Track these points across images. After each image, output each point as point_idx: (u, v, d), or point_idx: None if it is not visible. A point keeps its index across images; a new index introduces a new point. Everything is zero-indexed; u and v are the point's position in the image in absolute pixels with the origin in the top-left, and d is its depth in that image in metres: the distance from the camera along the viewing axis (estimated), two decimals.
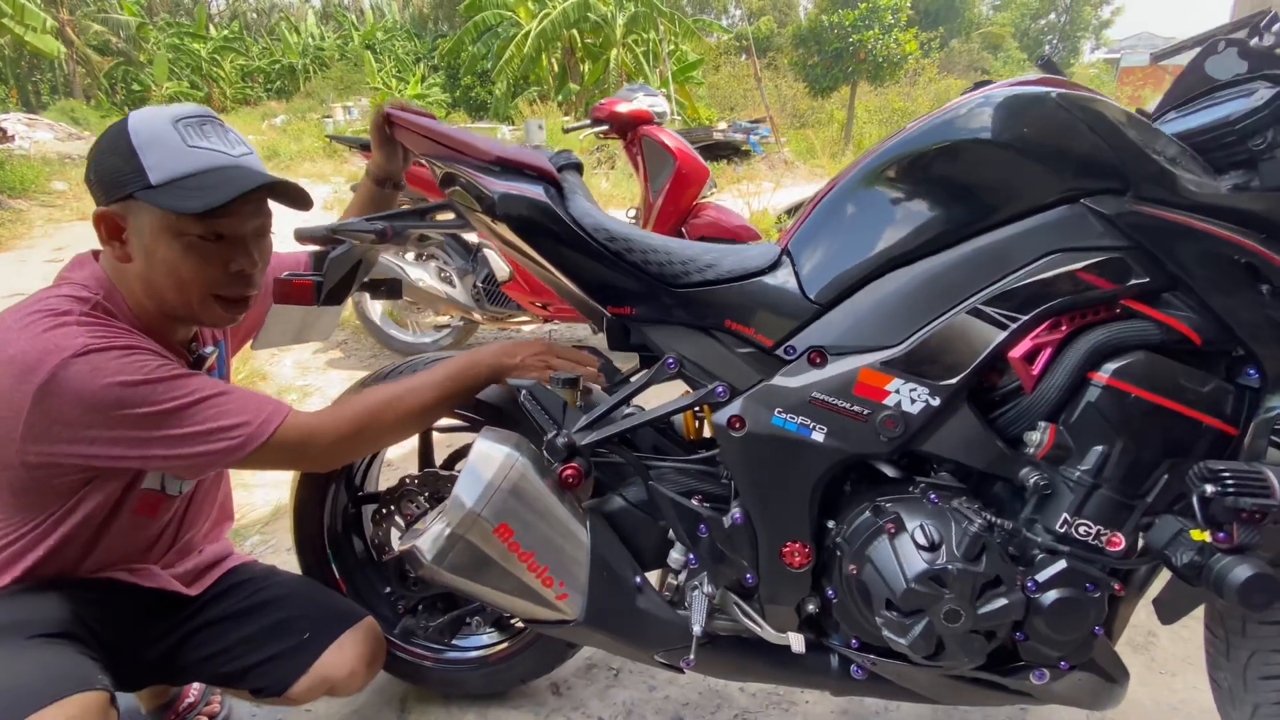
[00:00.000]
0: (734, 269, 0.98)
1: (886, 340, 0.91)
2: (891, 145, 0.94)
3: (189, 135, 0.89)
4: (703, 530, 0.97)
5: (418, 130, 1.08)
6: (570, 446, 0.95)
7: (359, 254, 1.20)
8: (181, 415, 0.87)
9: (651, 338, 1.00)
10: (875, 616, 0.88)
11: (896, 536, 0.86)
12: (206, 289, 0.94)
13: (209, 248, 0.91)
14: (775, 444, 0.94)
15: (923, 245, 0.90)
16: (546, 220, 0.95)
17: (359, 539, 1.29)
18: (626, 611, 0.96)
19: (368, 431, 0.97)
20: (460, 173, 1.00)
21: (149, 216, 0.88)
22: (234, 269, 0.94)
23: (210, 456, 0.88)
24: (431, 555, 0.89)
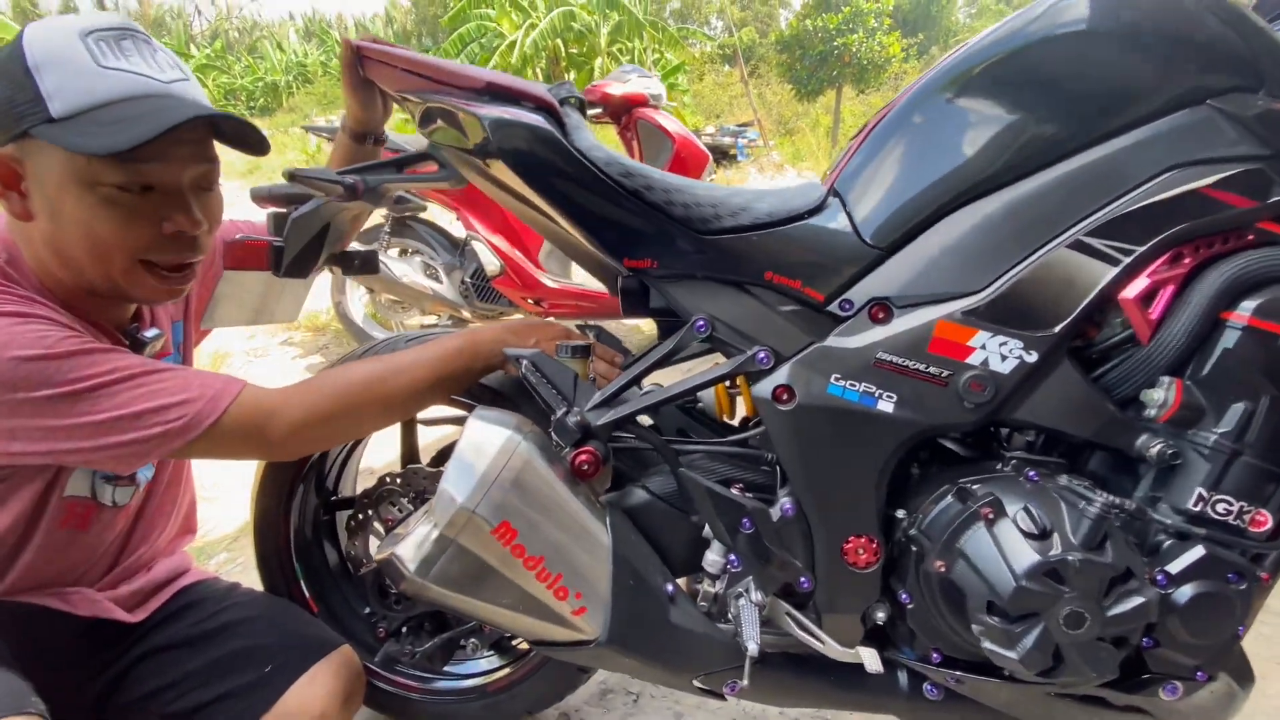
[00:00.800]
0: (773, 211, 0.82)
1: (967, 286, 0.75)
2: (961, 56, 0.78)
3: (102, 53, 0.69)
4: (746, 525, 0.80)
5: (394, 62, 0.91)
6: (584, 427, 0.78)
7: (327, 215, 1.02)
8: (97, 397, 0.69)
9: (676, 297, 0.83)
10: (971, 624, 0.71)
11: (996, 524, 0.70)
12: (131, 255, 0.74)
13: (134, 202, 0.72)
14: (833, 418, 0.77)
15: (1007, 170, 0.74)
16: (550, 152, 0.78)
17: (332, 550, 1.11)
18: (659, 628, 0.78)
19: (343, 414, 0.79)
20: (444, 105, 0.83)
21: (52, 160, 0.69)
22: (169, 229, 0.75)
23: (143, 444, 0.70)
24: (415, 565, 0.71)
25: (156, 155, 0.71)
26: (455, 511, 0.70)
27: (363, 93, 0.99)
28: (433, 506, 0.72)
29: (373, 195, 0.97)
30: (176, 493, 0.98)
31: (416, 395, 0.84)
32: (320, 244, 1.05)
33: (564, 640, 0.76)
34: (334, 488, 1.13)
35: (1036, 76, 0.73)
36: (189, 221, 0.75)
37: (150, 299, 0.80)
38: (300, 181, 0.88)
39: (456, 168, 0.93)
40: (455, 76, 0.85)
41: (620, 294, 0.88)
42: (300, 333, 3.28)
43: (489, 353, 0.86)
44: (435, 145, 0.92)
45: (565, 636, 0.76)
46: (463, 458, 0.72)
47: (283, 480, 1.03)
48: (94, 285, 0.76)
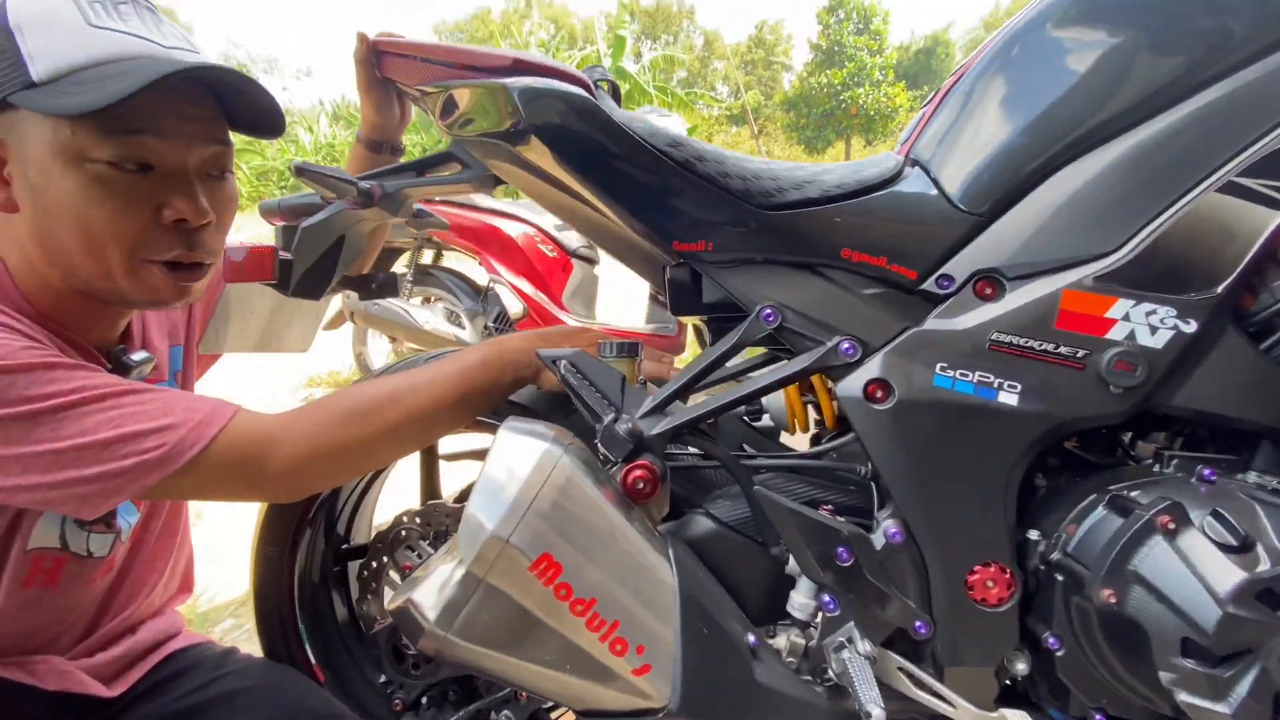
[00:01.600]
0: (843, 183, 0.71)
1: (1096, 247, 0.62)
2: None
3: (94, 13, 0.60)
4: (843, 555, 0.65)
5: (412, 52, 0.84)
6: (637, 436, 0.64)
7: (341, 227, 0.93)
8: (59, 420, 0.57)
9: (735, 285, 0.71)
10: (1159, 671, 0.54)
11: (1179, 535, 0.54)
12: (130, 249, 0.64)
13: (130, 184, 0.62)
14: (943, 416, 0.63)
15: (1131, 110, 0.62)
16: (588, 124, 0.68)
17: (343, 607, 0.96)
18: (744, 691, 0.61)
19: (353, 442, 0.66)
20: (469, 86, 0.75)
21: (35, 134, 0.60)
22: (169, 216, 0.64)
23: (112, 480, 0.58)
24: (436, 613, 0.57)
25: (155, 127, 0.62)
26: (485, 542, 0.56)
27: (378, 93, 0.92)
28: (456, 540, 0.58)
29: (390, 202, 0.88)
30: (171, 545, 0.85)
31: (437, 416, 0.71)
32: (334, 261, 0.95)
33: (622, 709, 0.60)
34: (345, 534, 0.99)
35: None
36: (192, 209, 0.65)
37: (156, 300, 0.68)
38: (309, 178, 0.80)
39: (482, 162, 0.84)
40: (479, 58, 0.77)
41: (668, 289, 0.76)
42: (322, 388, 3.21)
43: (518, 362, 0.74)
44: (458, 142, 0.84)
45: (623, 704, 0.60)
46: (492, 477, 0.59)
47: (287, 525, 0.90)
48: (91, 285, 0.65)
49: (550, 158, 0.70)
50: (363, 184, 0.86)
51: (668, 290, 0.77)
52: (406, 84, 0.88)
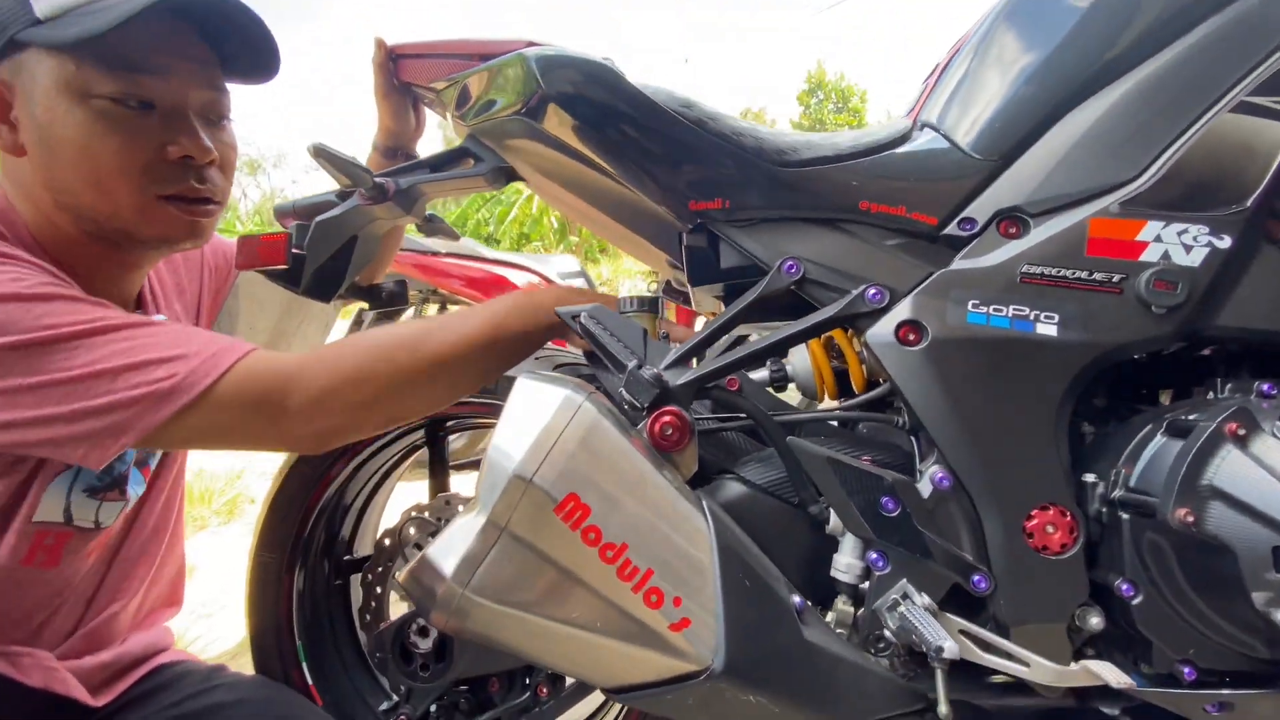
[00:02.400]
0: (856, 143, 0.72)
1: (1117, 176, 0.62)
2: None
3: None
4: (888, 505, 0.60)
5: (428, 51, 0.87)
6: (661, 384, 0.62)
7: (354, 225, 0.93)
8: (72, 349, 0.55)
9: (754, 244, 0.71)
10: (1251, 592, 0.49)
11: (1251, 441, 0.50)
12: (138, 182, 0.64)
13: (133, 120, 0.63)
14: (981, 351, 0.61)
15: (1137, 48, 0.64)
16: (606, 89, 0.70)
17: (343, 625, 0.89)
18: (793, 651, 0.55)
19: (381, 378, 0.61)
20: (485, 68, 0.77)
21: (40, 73, 0.61)
22: (174, 153, 0.65)
23: (121, 412, 0.54)
24: (454, 567, 0.52)
25: (154, 67, 0.63)
26: (507, 483, 0.52)
27: (395, 100, 0.94)
28: (478, 486, 0.54)
29: (404, 199, 0.89)
30: (162, 536, 0.80)
31: (468, 358, 0.66)
32: (346, 262, 0.95)
33: (662, 677, 0.54)
34: (349, 545, 0.94)
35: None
36: (196, 146, 0.66)
37: (167, 236, 0.67)
38: (325, 160, 0.80)
39: (496, 154, 0.85)
40: (492, 46, 0.80)
41: (685, 256, 0.76)
42: None
43: (549, 308, 0.70)
44: (472, 135, 0.86)
45: (660, 670, 0.53)
46: (513, 420, 0.56)
47: (288, 528, 0.85)
48: (101, 227, 0.65)
49: (569, 125, 0.71)
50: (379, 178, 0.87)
51: (685, 258, 0.76)
52: (422, 83, 0.91)
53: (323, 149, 0.78)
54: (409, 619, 0.70)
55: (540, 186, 0.88)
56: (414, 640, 0.70)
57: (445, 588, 0.52)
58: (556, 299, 0.70)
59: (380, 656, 0.71)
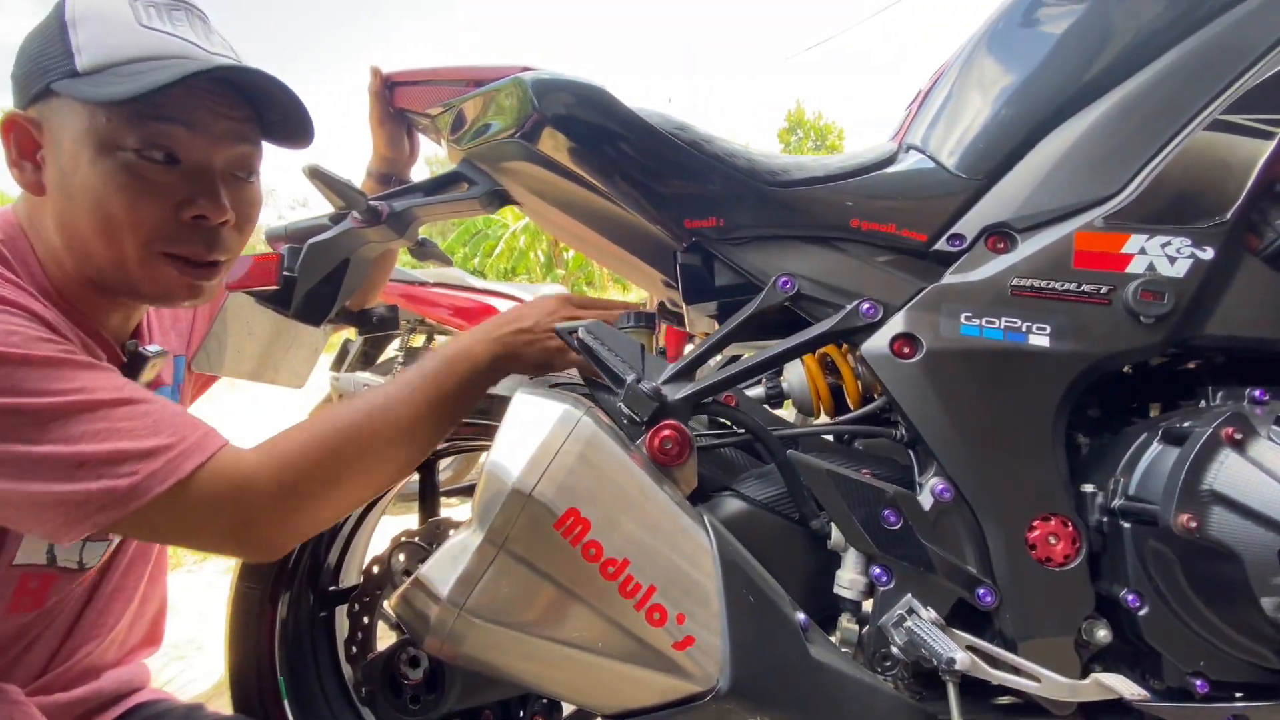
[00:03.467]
0: (845, 165, 0.74)
1: (1099, 191, 0.64)
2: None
3: (148, 15, 0.62)
4: (890, 518, 0.60)
5: (424, 78, 0.89)
6: (660, 398, 0.61)
7: (346, 248, 0.93)
8: (46, 422, 0.52)
9: (749, 261, 0.72)
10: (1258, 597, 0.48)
11: (1248, 445, 0.51)
12: (146, 239, 0.62)
13: (155, 175, 0.62)
14: (975, 362, 0.61)
15: (1113, 70, 0.66)
16: (600, 111, 0.71)
17: (327, 658, 0.85)
18: (800, 670, 0.54)
19: (332, 467, 0.58)
20: (481, 93, 0.79)
21: (71, 120, 0.60)
22: (188, 214, 0.63)
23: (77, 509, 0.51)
24: (449, 587, 0.50)
25: (185, 119, 0.62)
26: (506, 498, 0.51)
27: (390, 127, 0.95)
28: (475, 502, 0.53)
29: (398, 222, 0.89)
30: (141, 573, 0.77)
31: (421, 423, 0.64)
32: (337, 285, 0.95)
33: (666, 700, 0.52)
34: (334, 575, 0.91)
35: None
36: (213, 207, 0.64)
37: (166, 295, 0.66)
38: (320, 181, 0.81)
39: (490, 178, 0.86)
40: (488, 72, 0.81)
41: (680, 275, 0.76)
42: None
43: (490, 353, 0.68)
44: (466, 160, 0.87)
45: (667, 690, 0.51)
46: (511, 434, 0.55)
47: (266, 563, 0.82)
48: (104, 275, 0.64)
49: (565, 146, 0.72)
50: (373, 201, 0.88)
51: (680, 276, 0.76)
52: (418, 110, 0.92)
53: (318, 170, 0.79)
54: (399, 648, 0.68)
55: (535, 209, 0.88)
56: (404, 671, 0.67)
57: (439, 609, 0.51)
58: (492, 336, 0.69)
59: (368, 690, 0.68)
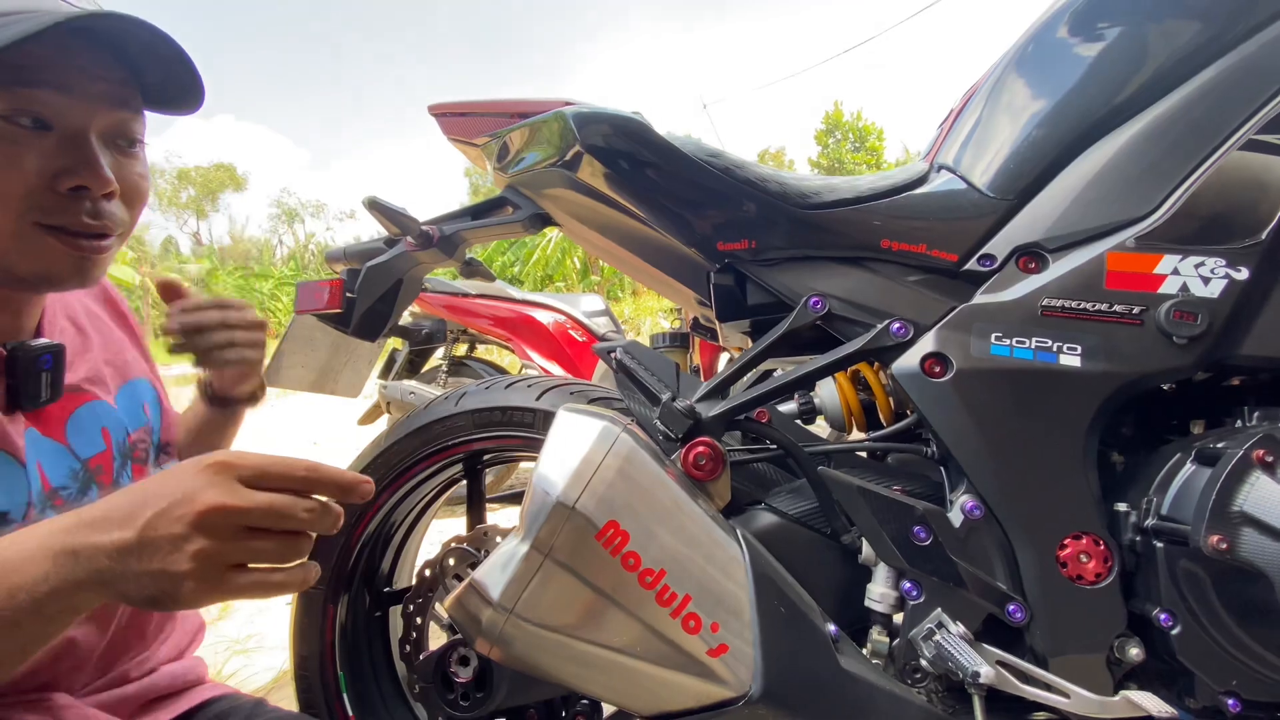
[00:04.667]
0: (875, 186, 0.75)
1: (1131, 212, 0.64)
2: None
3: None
4: (920, 534, 0.61)
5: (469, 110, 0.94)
6: (695, 415, 0.64)
7: (400, 270, 1.00)
8: None
9: (780, 281, 0.74)
10: None
11: (1278, 468, 0.51)
12: (19, 210, 0.54)
13: (23, 140, 0.53)
14: (1005, 382, 0.63)
15: (1147, 90, 0.67)
16: (636, 140, 0.75)
17: (382, 657, 0.91)
18: (830, 679, 0.56)
19: None
20: (527, 124, 0.83)
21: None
22: (66, 184, 0.55)
23: None
24: (500, 590, 0.54)
25: (56, 82, 0.54)
26: (551, 510, 0.55)
27: None
28: (522, 512, 0.57)
29: (447, 244, 0.96)
30: None
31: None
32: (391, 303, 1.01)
33: (700, 704, 0.55)
34: (388, 578, 0.96)
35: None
36: (94, 177, 0.56)
37: (49, 274, 0.57)
38: (378, 211, 0.87)
39: (532, 202, 0.91)
40: (531, 106, 0.86)
41: (713, 294, 0.79)
42: None
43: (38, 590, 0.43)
44: (510, 186, 0.92)
45: (701, 695, 0.55)
46: (555, 450, 0.59)
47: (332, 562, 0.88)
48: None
49: (604, 174, 0.76)
50: (425, 226, 0.94)
51: (713, 295, 0.80)
52: (466, 140, 0.97)
53: (376, 201, 0.85)
54: (451, 648, 0.72)
55: (574, 231, 0.93)
56: (455, 670, 0.72)
57: (491, 613, 0.55)
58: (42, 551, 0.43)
59: (422, 686, 0.73)
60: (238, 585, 0.44)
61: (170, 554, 0.42)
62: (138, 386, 0.75)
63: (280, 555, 0.45)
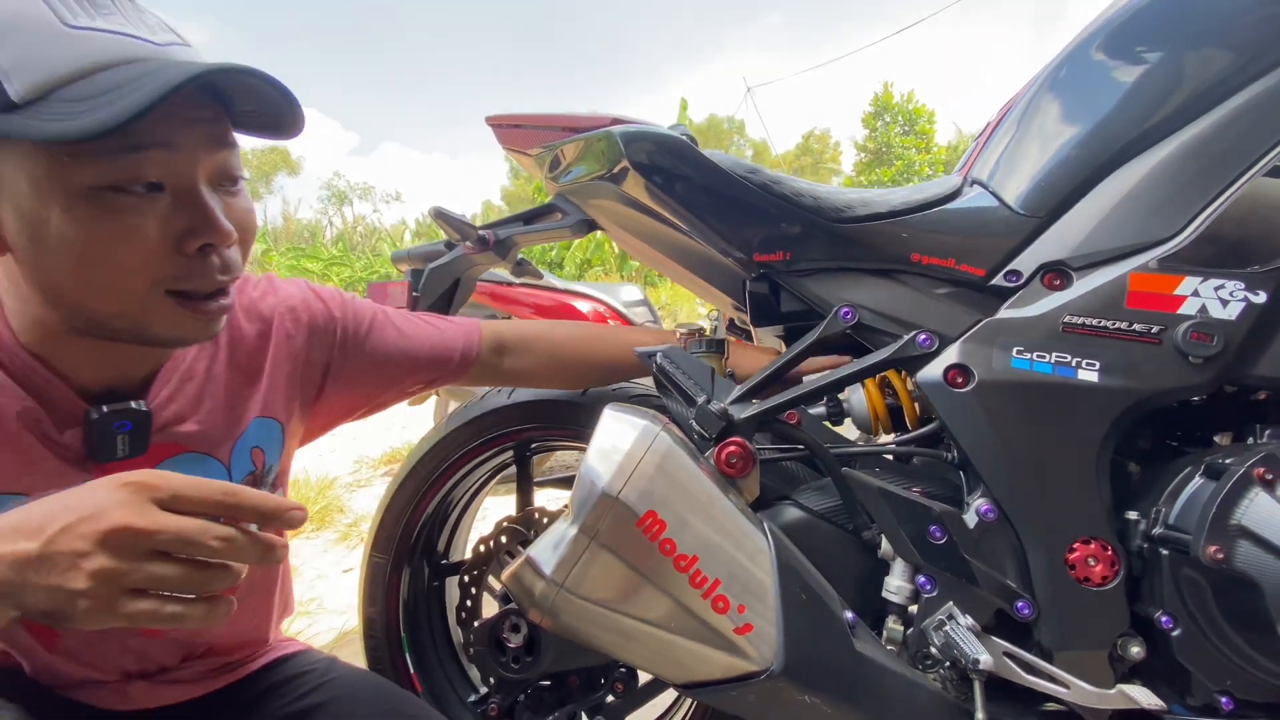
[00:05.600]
0: (909, 201, 0.79)
1: (1155, 234, 0.67)
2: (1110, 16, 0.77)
3: (68, 10, 0.48)
4: (935, 533, 0.66)
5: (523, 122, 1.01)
6: (727, 417, 0.70)
7: (458, 270, 1.08)
8: None
9: (813, 290, 0.79)
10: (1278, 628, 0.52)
11: (1277, 485, 0.54)
12: (149, 281, 0.53)
13: (140, 207, 0.51)
14: (1024, 394, 0.67)
15: (1178, 114, 0.69)
16: (678, 157, 0.80)
17: (439, 623, 1.01)
18: (845, 659, 0.62)
19: None
20: (578, 140, 0.90)
21: (23, 164, 0.49)
22: (193, 245, 0.53)
23: None
24: (552, 566, 0.62)
25: (160, 139, 0.51)
26: (597, 500, 0.62)
27: None
28: (571, 501, 0.64)
29: (502, 248, 1.03)
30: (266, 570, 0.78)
31: None
32: (449, 300, 1.10)
33: (727, 675, 0.62)
34: (445, 551, 1.06)
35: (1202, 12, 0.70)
36: (216, 232, 0.54)
37: (184, 337, 0.58)
38: (443, 221, 0.95)
39: (581, 209, 0.98)
40: (583, 120, 0.93)
41: (748, 300, 0.85)
42: None
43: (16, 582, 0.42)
44: (560, 194, 0.98)
45: (728, 667, 0.61)
46: (601, 445, 0.65)
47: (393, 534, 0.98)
48: (99, 326, 0.55)
49: (647, 189, 0.82)
50: (481, 231, 1.02)
51: (748, 302, 0.85)
52: (520, 149, 1.04)
53: (441, 212, 0.93)
54: (504, 616, 0.81)
55: (619, 237, 0.99)
56: (507, 635, 0.80)
57: (543, 586, 0.62)
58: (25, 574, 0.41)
59: (478, 649, 0.82)
60: (130, 611, 0.42)
61: (67, 570, 0.41)
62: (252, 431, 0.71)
63: (182, 584, 0.43)
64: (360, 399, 0.83)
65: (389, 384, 0.84)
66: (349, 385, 0.80)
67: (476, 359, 0.86)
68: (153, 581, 0.42)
